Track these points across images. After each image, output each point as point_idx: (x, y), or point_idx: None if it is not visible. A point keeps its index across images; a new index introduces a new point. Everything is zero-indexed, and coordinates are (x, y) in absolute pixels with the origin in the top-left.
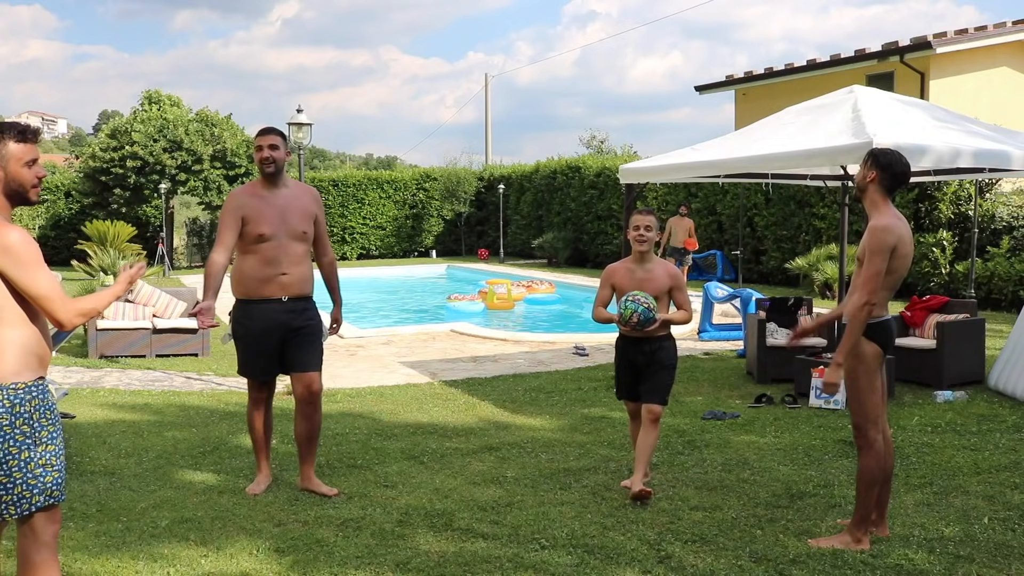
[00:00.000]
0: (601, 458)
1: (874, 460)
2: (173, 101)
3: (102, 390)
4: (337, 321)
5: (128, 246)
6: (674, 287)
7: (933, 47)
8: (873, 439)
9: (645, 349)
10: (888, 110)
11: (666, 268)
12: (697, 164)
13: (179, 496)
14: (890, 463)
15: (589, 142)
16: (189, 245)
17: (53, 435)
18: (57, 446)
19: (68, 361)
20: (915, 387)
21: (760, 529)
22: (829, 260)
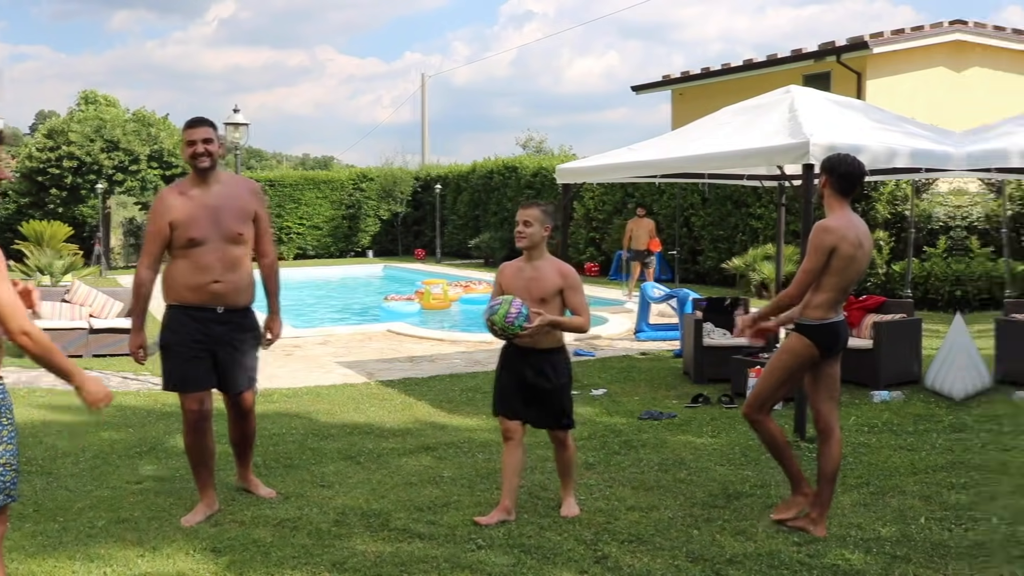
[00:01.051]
0: (537, 458)
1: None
2: (110, 101)
3: (38, 390)
4: (272, 332)
5: (65, 246)
6: (566, 287)
7: (870, 47)
8: (754, 420)
9: (532, 362)
10: (825, 110)
11: (558, 267)
12: (634, 164)
13: (116, 496)
14: (836, 462)
15: (526, 143)
16: (126, 245)
17: (12, 434)
18: (14, 445)
19: (4, 361)
20: (852, 387)
21: (697, 529)
22: (766, 260)
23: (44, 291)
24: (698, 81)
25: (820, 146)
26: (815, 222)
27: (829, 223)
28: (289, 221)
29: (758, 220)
